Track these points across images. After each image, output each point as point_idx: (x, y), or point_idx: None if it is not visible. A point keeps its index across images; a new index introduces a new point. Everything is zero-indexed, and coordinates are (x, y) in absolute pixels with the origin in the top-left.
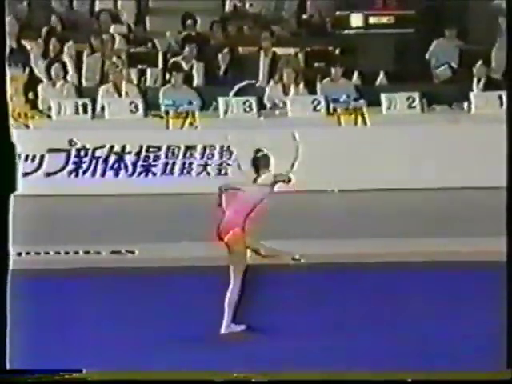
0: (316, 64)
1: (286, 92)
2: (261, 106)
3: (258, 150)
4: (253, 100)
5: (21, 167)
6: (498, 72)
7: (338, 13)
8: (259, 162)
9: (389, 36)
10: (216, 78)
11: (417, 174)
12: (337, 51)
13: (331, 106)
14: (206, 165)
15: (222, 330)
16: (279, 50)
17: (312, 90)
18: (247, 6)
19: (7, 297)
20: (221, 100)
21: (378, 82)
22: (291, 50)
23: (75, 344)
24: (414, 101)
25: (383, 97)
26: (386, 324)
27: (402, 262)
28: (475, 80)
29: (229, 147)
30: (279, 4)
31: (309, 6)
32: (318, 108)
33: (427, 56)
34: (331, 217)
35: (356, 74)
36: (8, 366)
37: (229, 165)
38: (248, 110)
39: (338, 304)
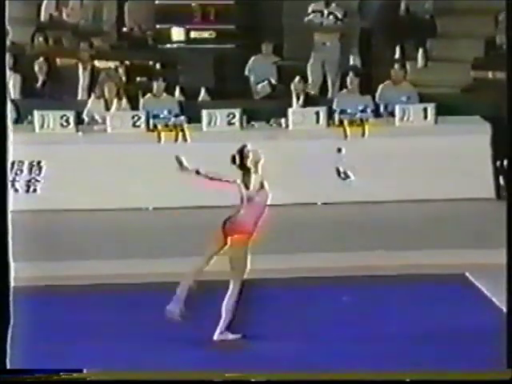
0: (138, 78)
1: (107, 107)
2: (79, 120)
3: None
4: (70, 114)
5: None
6: (315, 88)
7: (158, 26)
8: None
9: (211, 51)
10: (33, 90)
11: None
12: (157, 66)
13: (151, 121)
14: (14, 181)
15: (215, 337)
16: (99, 63)
17: (135, 106)
18: (64, 16)
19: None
20: (36, 113)
21: (200, 97)
22: (111, 64)
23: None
24: (234, 117)
25: (204, 113)
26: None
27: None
28: (294, 96)
29: (38, 163)
30: (98, 15)
31: (127, 19)
32: (138, 124)
33: (246, 72)
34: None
35: (178, 89)
36: (8, 366)
37: (38, 181)
38: (65, 124)
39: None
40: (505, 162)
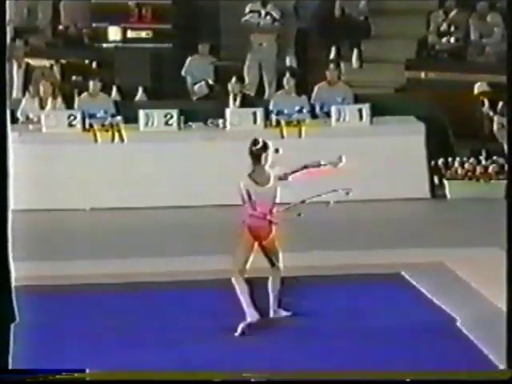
0: (73, 77)
1: (42, 106)
2: (13, 119)
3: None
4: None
5: None
6: (252, 89)
7: (94, 25)
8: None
9: (147, 51)
10: None
11: (172, 191)
12: (93, 65)
13: (87, 121)
14: None
15: (271, 315)
16: (33, 61)
17: (70, 105)
18: None
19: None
20: None
21: (137, 97)
22: (46, 62)
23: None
24: (171, 117)
25: (141, 113)
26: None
27: None
28: (231, 96)
29: None
30: (33, 13)
31: (63, 17)
32: (74, 123)
33: (183, 73)
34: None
35: (115, 88)
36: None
37: None
38: None
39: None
40: (439, 162)
